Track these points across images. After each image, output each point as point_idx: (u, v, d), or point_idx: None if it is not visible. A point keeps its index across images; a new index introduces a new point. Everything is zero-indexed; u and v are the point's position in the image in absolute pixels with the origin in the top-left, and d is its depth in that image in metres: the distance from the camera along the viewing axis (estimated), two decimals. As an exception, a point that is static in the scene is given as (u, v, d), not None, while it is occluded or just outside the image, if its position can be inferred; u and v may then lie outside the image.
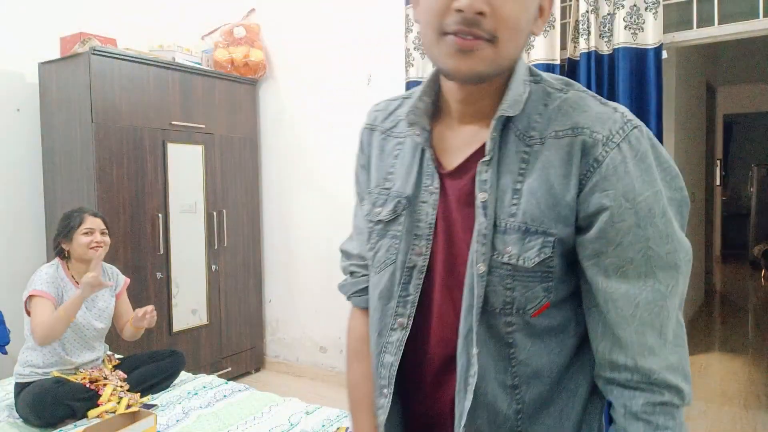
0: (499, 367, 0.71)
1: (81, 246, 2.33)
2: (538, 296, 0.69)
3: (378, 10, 3.39)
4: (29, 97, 3.24)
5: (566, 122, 0.69)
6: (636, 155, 0.67)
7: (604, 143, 0.66)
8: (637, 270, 0.66)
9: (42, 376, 2.25)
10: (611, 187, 0.65)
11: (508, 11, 0.65)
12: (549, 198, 0.68)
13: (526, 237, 0.68)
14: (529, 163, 0.70)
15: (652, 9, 2.53)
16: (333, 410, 2.22)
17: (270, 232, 3.98)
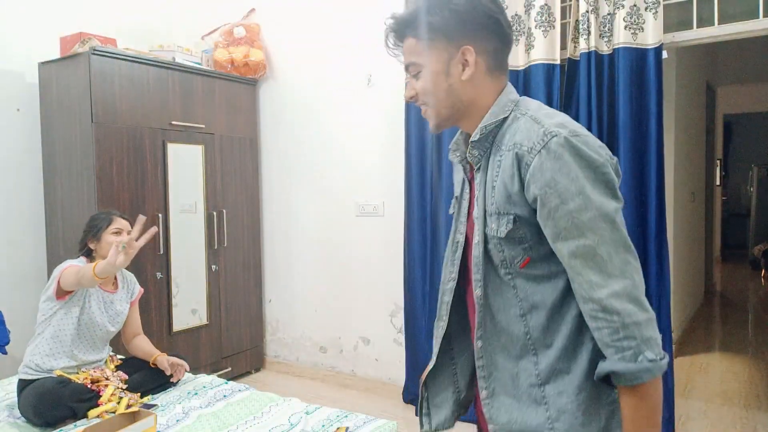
0: (509, 303, 1.02)
1: (109, 245, 2.33)
2: (519, 254, 1.00)
3: (378, 10, 3.39)
4: (29, 97, 3.25)
5: (511, 140, 0.99)
6: (552, 156, 0.92)
7: (529, 152, 0.95)
8: (569, 233, 0.92)
9: (46, 373, 2.26)
10: (537, 180, 0.93)
11: (421, 89, 1.07)
12: (504, 191, 0.98)
13: (498, 217, 1.00)
14: (500, 167, 1.00)
15: (652, 9, 2.53)
16: (333, 410, 2.21)
17: (270, 232, 3.99)
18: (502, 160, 0.99)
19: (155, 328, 3.25)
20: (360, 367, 3.63)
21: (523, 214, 0.96)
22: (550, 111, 1.01)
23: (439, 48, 1.02)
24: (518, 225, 0.97)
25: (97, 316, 2.35)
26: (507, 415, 1.03)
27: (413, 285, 3.23)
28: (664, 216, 2.62)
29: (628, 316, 0.88)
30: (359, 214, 3.55)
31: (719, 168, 7.18)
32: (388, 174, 3.40)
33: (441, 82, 1.03)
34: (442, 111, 1.05)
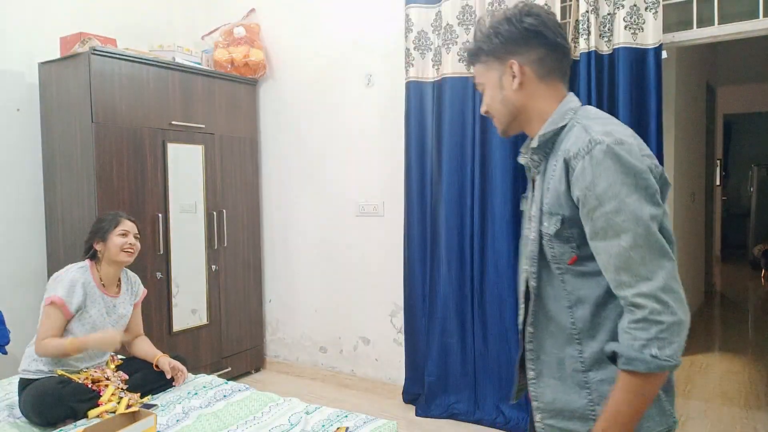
0: (558, 295, 1.12)
1: (115, 246, 2.35)
2: (567, 251, 1.09)
3: (378, 10, 3.39)
4: (29, 97, 3.24)
5: (565, 146, 1.08)
6: (594, 162, 1.01)
7: (574, 157, 1.04)
8: (605, 233, 1.00)
9: (47, 373, 2.26)
10: (579, 183, 1.03)
11: (486, 104, 1.22)
12: (555, 193, 1.09)
13: (550, 216, 1.09)
14: (554, 171, 1.10)
15: (652, 9, 2.53)
16: (333, 410, 2.21)
17: (270, 232, 3.99)
18: (556, 164, 1.09)
19: (155, 328, 3.25)
20: (360, 367, 3.63)
21: (569, 215, 1.06)
22: (605, 119, 1.11)
23: (492, 67, 1.18)
24: (565, 225, 1.07)
25: (98, 322, 2.35)
26: (552, 395, 1.15)
27: (413, 285, 3.23)
28: (664, 216, 2.62)
29: (652, 313, 0.95)
30: (359, 214, 3.55)
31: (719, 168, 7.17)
32: (388, 174, 3.40)
33: (497, 94, 1.18)
34: (503, 118, 1.20)
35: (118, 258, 2.37)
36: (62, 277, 2.32)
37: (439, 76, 3.07)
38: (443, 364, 3.12)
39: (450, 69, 3.02)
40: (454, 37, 3.01)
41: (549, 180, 1.11)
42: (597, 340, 1.08)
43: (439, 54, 3.07)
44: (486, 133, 2.93)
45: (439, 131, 3.05)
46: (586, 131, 1.05)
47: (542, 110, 1.15)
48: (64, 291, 2.27)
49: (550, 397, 1.15)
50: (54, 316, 2.25)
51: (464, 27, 2.99)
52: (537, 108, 1.15)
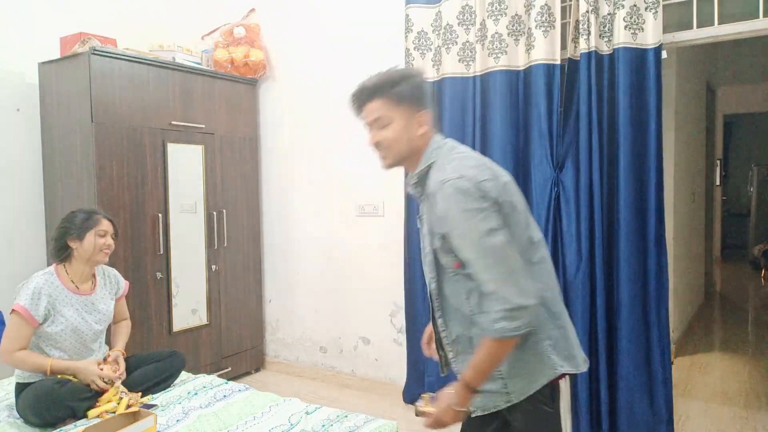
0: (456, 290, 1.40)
1: (92, 246, 2.29)
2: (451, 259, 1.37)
3: (378, 10, 3.39)
4: (29, 97, 3.25)
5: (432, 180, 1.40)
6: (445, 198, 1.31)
7: (434, 193, 1.35)
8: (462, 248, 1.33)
9: (43, 377, 2.25)
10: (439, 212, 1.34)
11: (385, 138, 1.44)
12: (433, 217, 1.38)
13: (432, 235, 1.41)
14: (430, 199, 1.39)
15: (652, 9, 2.53)
16: (333, 410, 2.21)
17: (270, 232, 3.99)
18: (430, 194, 1.38)
19: (155, 328, 3.25)
20: (360, 367, 3.63)
21: (445, 233, 1.33)
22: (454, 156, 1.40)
23: (404, 109, 1.42)
24: (444, 240, 1.35)
25: (77, 323, 2.30)
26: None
27: (413, 285, 3.23)
28: (663, 216, 2.62)
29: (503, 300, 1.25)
30: (359, 214, 3.55)
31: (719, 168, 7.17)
32: (388, 174, 3.37)
33: (404, 134, 1.42)
34: (399, 156, 1.44)
35: (95, 258, 2.31)
36: (27, 285, 2.26)
37: (439, 76, 3.07)
38: (443, 364, 3.12)
39: (450, 69, 3.02)
40: (454, 37, 3.01)
41: (429, 206, 1.39)
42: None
43: (439, 54, 3.07)
44: (485, 133, 2.93)
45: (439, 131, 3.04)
46: (441, 170, 1.36)
47: (423, 149, 1.44)
48: (28, 300, 2.21)
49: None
50: (19, 325, 2.20)
51: (464, 27, 2.99)
52: (422, 147, 1.43)
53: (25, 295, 2.23)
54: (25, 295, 2.23)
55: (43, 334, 2.26)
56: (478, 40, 2.93)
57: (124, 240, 3.09)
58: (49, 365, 2.21)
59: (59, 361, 2.24)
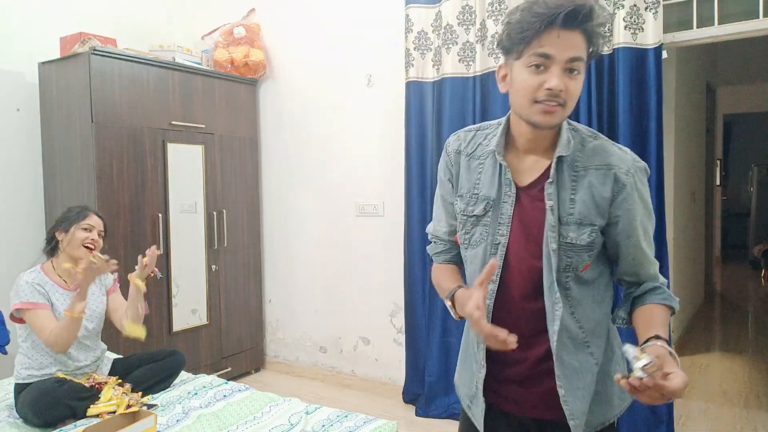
0: (564, 300, 1.16)
1: (76, 240, 2.29)
2: (585, 260, 1.16)
3: (378, 10, 3.39)
4: (29, 97, 3.25)
5: (602, 161, 1.16)
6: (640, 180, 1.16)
7: (626, 173, 1.14)
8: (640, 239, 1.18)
9: (41, 378, 2.25)
10: (630, 200, 1.15)
11: (573, 89, 1.09)
12: (592, 203, 1.14)
13: (580, 227, 1.14)
14: (577, 182, 1.15)
15: (652, 9, 2.53)
16: (333, 410, 2.21)
17: (270, 232, 3.99)
18: (586, 177, 1.15)
19: (155, 328, 3.25)
20: (360, 367, 3.63)
21: (602, 224, 1.15)
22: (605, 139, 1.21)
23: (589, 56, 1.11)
24: (596, 234, 1.15)
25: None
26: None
27: (413, 285, 3.23)
28: (663, 216, 2.62)
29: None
30: (359, 214, 3.55)
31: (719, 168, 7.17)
32: (388, 174, 3.40)
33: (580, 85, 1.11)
34: (568, 115, 1.13)
35: (77, 253, 2.30)
36: (18, 284, 2.26)
37: (439, 76, 3.07)
38: (443, 364, 3.12)
39: (450, 69, 3.02)
40: (454, 37, 3.01)
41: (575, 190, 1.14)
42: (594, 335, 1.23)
43: (439, 54, 3.07)
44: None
45: (439, 131, 3.05)
46: (621, 149, 1.18)
47: None
48: (25, 294, 2.22)
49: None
50: (39, 315, 2.20)
51: (464, 27, 2.99)
52: None
53: (20, 293, 2.23)
54: (20, 293, 2.23)
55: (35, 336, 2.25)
56: (478, 40, 2.93)
57: (124, 240, 3.09)
58: (66, 313, 2.15)
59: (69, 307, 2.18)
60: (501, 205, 1.20)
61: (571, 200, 1.14)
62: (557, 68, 1.05)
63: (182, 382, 2.55)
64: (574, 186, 1.14)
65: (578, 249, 1.14)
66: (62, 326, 2.18)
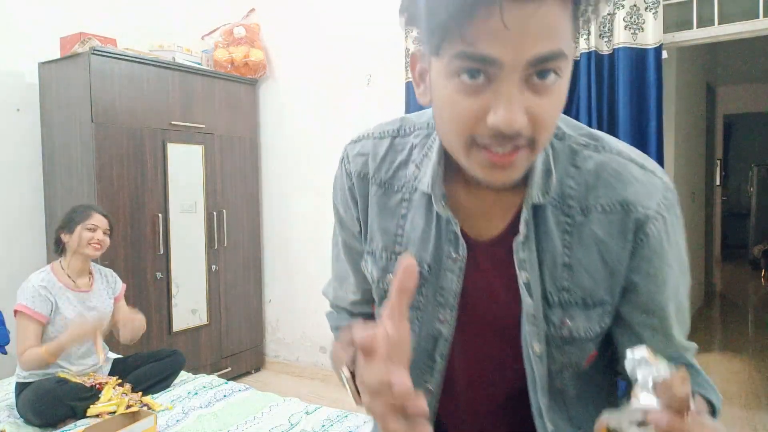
0: (557, 405, 0.75)
1: (81, 240, 2.30)
2: (590, 350, 0.73)
3: (378, 10, 3.39)
4: (29, 97, 3.24)
5: (612, 195, 0.68)
6: (672, 222, 0.70)
7: (654, 217, 0.68)
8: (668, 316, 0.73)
9: (42, 377, 2.25)
10: (657, 257, 0.69)
11: (547, 114, 0.58)
12: (603, 270, 0.69)
13: (585, 310, 0.70)
14: (572, 236, 0.69)
15: (652, 9, 2.53)
16: (333, 410, 2.21)
17: (270, 232, 3.98)
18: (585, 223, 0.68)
19: (155, 328, 3.25)
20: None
21: (616, 301, 0.71)
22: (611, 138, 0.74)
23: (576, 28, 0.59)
24: (609, 318, 0.72)
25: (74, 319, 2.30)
26: None
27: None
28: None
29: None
30: (359, 214, 3.54)
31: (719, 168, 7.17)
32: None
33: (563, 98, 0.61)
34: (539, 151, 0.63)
35: (83, 251, 2.32)
36: (25, 285, 2.28)
37: (439, 76, 3.06)
38: (443, 364, 3.11)
39: (450, 69, 3.02)
40: (454, 37, 3.00)
41: (570, 247, 0.69)
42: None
43: (439, 54, 3.07)
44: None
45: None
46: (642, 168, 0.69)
47: None
48: (28, 298, 2.23)
49: None
50: (28, 326, 2.21)
51: (464, 27, 2.99)
52: None
53: (24, 294, 2.25)
54: (24, 294, 2.25)
55: (46, 335, 2.27)
56: (478, 40, 2.93)
57: (124, 240, 3.09)
58: (44, 351, 2.17)
59: (50, 345, 2.20)
60: (441, 276, 0.74)
61: (564, 266, 0.69)
62: (511, 80, 0.55)
63: (182, 382, 2.55)
64: (568, 241, 0.69)
65: (581, 342, 0.71)
66: (33, 357, 2.19)
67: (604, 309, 0.70)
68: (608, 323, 0.71)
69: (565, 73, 0.58)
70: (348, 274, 0.87)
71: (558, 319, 0.70)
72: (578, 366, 0.74)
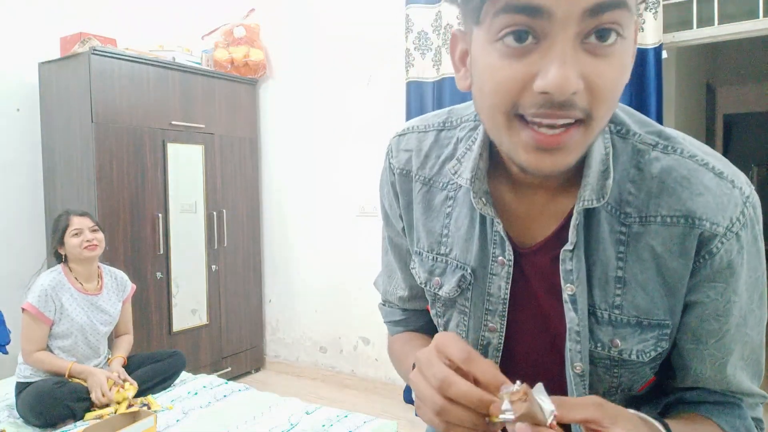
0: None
1: (74, 248, 2.32)
2: (646, 375, 0.67)
3: (378, 10, 3.39)
4: (29, 97, 3.24)
5: (676, 205, 0.59)
6: (752, 240, 0.60)
7: (723, 234, 0.58)
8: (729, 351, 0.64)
9: (44, 377, 2.25)
10: (721, 280, 0.60)
11: (607, 82, 0.50)
12: (662, 288, 0.61)
13: (639, 331, 0.62)
14: (628, 246, 0.61)
15: (652, 9, 2.53)
16: (333, 410, 2.21)
17: (270, 232, 3.99)
18: (642, 233, 0.60)
19: (155, 328, 3.25)
20: (360, 367, 3.63)
21: (677, 323, 0.64)
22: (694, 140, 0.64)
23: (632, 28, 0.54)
24: (668, 342, 0.64)
25: (83, 322, 2.32)
26: None
27: (413, 285, 3.22)
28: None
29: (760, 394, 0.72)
30: (359, 214, 3.55)
31: (719, 168, 7.16)
32: (388, 174, 3.39)
33: (627, 71, 0.54)
34: (597, 135, 0.55)
35: (81, 256, 2.33)
36: (36, 283, 2.30)
37: (440, 76, 3.07)
38: (443, 364, 3.11)
39: (450, 69, 3.02)
40: (454, 37, 3.00)
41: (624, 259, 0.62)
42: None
43: (439, 54, 3.07)
44: (486, 133, 2.93)
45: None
46: (719, 176, 0.59)
47: None
48: (36, 298, 2.25)
49: None
50: (33, 325, 2.24)
51: (464, 27, 2.99)
52: None
53: (33, 294, 2.27)
54: (33, 294, 2.27)
55: (51, 333, 2.29)
56: (478, 40, 2.93)
57: (124, 240, 3.09)
58: (69, 369, 2.24)
59: (77, 365, 2.27)
60: (488, 281, 0.70)
61: (618, 279, 0.62)
62: (564, 37, 0.49)
63: (182, 382, 2.55)
64: (622, 252, 0.62)
65: (633, 365, 0.65)
66: (54, 364, 2.24)
67: (662, 332, 0.62)
68: (666, 348, 0.63)
69: (628, 32, 0.50)
70: (395, 269, 0.84)
71: (607, 339, 0.64)
72: (631, 390, 0.67)
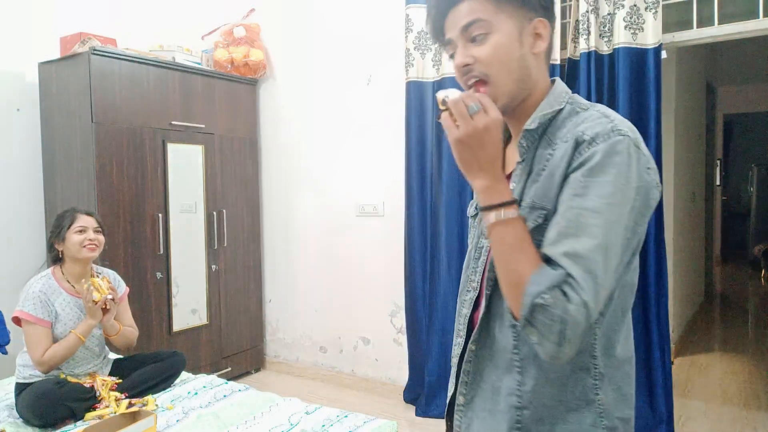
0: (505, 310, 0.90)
1: (74, 245, 2.29)
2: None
3: (378, 10, 3.39)
4: (29, 97, 3.24)
5: (573, 129, 0.88)
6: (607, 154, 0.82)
7: (590, 142, 0.84)
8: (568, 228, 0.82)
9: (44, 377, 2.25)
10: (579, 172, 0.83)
11: (482, 54, 0.89)
12: (547, 183, 0.87)
13: (530, 211, 0.87)
14: (549, 160, 0.88)
15: (652, 9, 2.53)
16: (333, 410, 2.22)
17: (270, 232, 3.99)
18: (554, 153, 0.87)
19: (155, 328, 3.25)
20: (360, 367, 3.63)
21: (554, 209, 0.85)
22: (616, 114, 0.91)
23: (509, 11, 0.89)
24: (547, 221, 0.85)
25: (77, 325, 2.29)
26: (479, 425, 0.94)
27: (413, 285, 3.23)
28: (662, 216, 2.62)
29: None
30: (359, 214, 3.55)
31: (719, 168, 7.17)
32: (388, 174, 3.40)
33: (514, 49, 0.89)
34: (509, 86, 0.90)
35: (80, 255, 2.30)
36: (26, 291, 2.27)
37: (440, 76, 3.07)
38: (443, 363, 3.12)
39: (450, 69, 3.02)
40: (454, 37, 3.00)
41: (538, 171, 0.89)
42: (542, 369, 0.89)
43: (439, 54, 3.07)
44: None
45: (439, 131, 3.05)
46: (607, 117, 0.86)
47: (542, 86, 0.94)
48: (31, 305, 2.23)
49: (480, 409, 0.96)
50: (33, 331, 2.22)
51: (464, 27, 2.99)
52: (540, 82, 0.94)
53: (25, 302, 2.24)
54: (25, 302, 2.24)
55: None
56: (478, 40, 2.93)
57: (124, 240, 3.09)
58: (78, 337, 2.24)
59: (78, 326, 2.26)
60: None
61: (532, 181, 0.89)
62: (459, 46, 0.92)
63: (182, 382, 2.55)
64: (544, 165, 0.89)
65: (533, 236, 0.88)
66: (64, 346, 2.22)
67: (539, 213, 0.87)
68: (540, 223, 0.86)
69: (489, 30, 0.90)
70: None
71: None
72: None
